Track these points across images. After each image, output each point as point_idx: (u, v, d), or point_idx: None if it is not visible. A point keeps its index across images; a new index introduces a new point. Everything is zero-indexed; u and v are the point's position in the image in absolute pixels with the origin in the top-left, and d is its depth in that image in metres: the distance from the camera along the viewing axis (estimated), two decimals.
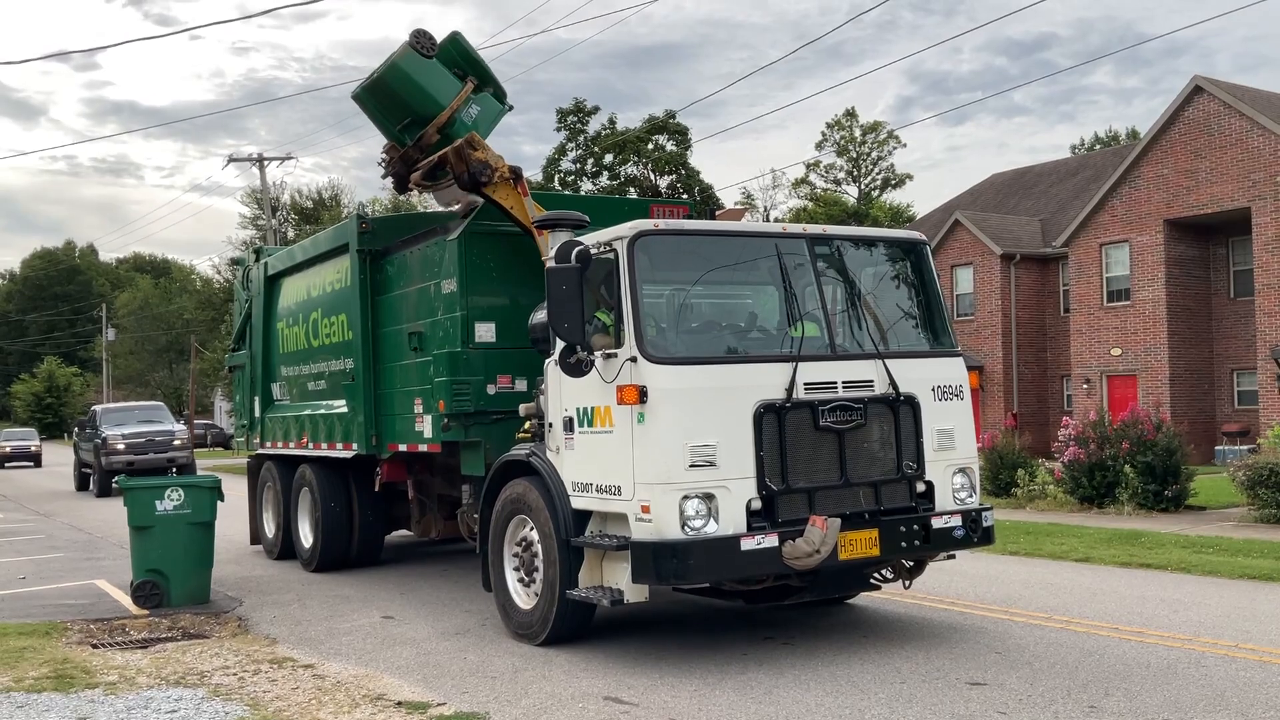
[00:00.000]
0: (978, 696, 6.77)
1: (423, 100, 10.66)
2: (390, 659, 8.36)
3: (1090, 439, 17.10)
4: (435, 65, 10.77)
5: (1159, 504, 16.37)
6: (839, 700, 6.77)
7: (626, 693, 7.11)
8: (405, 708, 6.93)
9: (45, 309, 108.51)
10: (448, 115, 10.65)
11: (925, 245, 9.00)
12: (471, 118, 10.92)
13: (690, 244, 8.27)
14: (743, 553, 7.29)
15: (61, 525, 20.34)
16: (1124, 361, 30.72)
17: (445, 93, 10.74)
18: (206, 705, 7.08)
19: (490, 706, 6.92)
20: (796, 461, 7.61)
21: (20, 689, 7.55)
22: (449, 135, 10.68)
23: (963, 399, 8.54)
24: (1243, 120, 27.70)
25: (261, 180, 48.02)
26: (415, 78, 10.64)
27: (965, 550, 8.64)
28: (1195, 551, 12.50)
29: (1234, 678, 7.06)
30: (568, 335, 7.56)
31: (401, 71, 10.62)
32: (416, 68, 10.62)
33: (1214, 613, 9.17)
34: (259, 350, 14.73)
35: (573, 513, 8.05)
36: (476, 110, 10.99)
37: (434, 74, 10.76)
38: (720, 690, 7.09)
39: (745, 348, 8.15)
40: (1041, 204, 38.73)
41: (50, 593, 11.92)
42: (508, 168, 10.17)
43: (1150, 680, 7.03)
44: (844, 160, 70.11)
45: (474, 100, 10.98)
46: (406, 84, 10.66)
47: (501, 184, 10.11)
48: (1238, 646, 7.91)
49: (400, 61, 10.60)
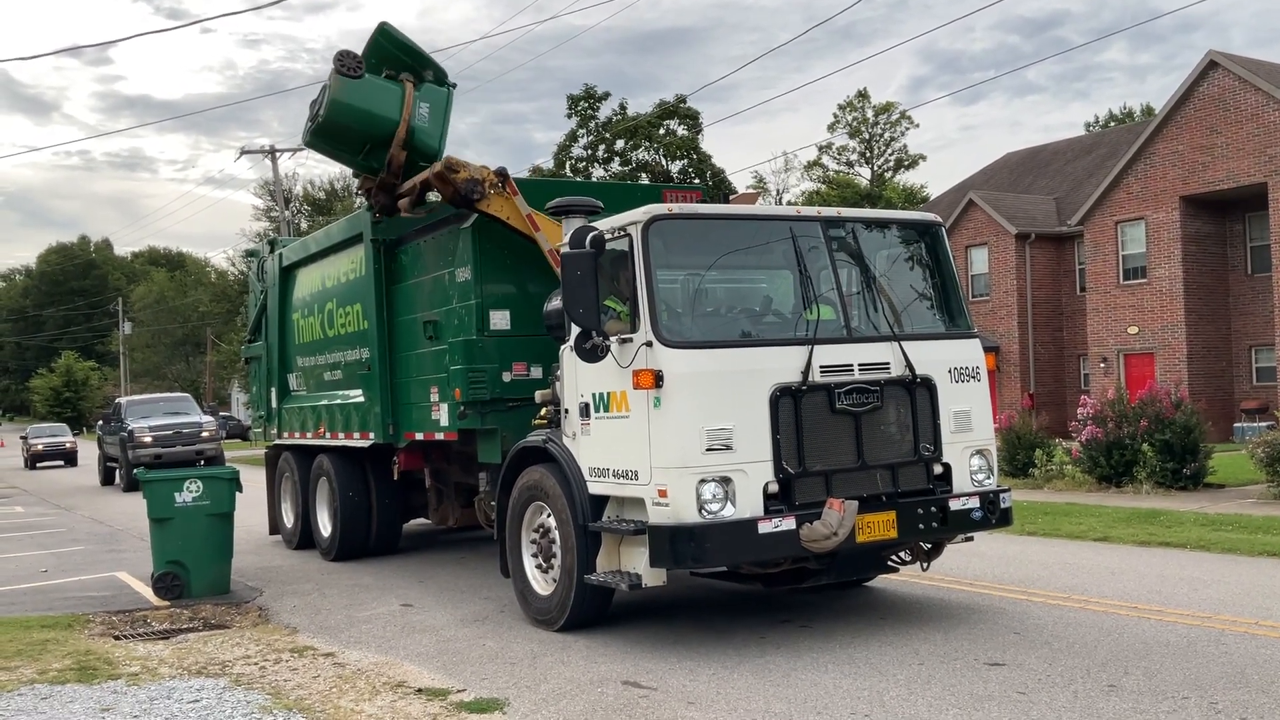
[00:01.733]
0: (996, 677, 6.76)
1: (372, 123, 10.60)
2: (410, 646, 8.40)
3: (1108, 418, 17.02)
4: (370, 82, 10.63)
5: (1177, 482, 16.30)
6: (857, 682, 6.78)
7: (645, 677, 7.14)
8: (425, 694, 6.97)
9: (62, 304, 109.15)
10: (404, 128, 10.60)
11: (940, 227, 8.94)
12: (424, 118, 10.83)
13: (704, 228, 8.24)
14: (760, 536, 7.28)
15: (82, 518, 20.49)
16: (1141, 340, 30.56)
17: (391, 105, 10.65)
18: (228, 695, 7.13)
19: (509, 692, 6.95)
20: (813, 444, 7.58)
21: (44, 681, 7.62)
22: (414, 145, 10.67)
23: (979, 380, 8.50)
24: (1259, 95, 27.46)
25: (274, 172, 48.14)
26: (356, 104, 10.55)
27: (983, 532, 8.60)
28: (1214, 529, 12.45)
29: (1254, 655, 7.03)
30: (583, 321, 7.55)
31: (341, 104, 10.54)
32: (354, 93, 10.52)
33: (1233, 590, 9.13)
34: (275, 341, 14.77)
35: (590, 498, 8.04)
36: (426, 108, 10.88)
37: (372, 91, 10.63)
38: (738, 673, 7.10)
39: (760, 331, 8.11)
40: (1056, 182, 38.51)
41: (72, 585, 12.01)
42: (492, 174, 9.98)
43: (1170, 658, 7.01)
44: (856, 142, 69.93)
45: (420, 97, 10.84)
46: (350, 114, 10.58)
47: (494, 196, 9.96)
48: (1258, 624, 7.88)
49: (337, 95, 10.49)
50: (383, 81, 10.76)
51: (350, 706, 6.79)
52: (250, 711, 6.71)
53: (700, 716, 6.27)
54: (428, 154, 10.82)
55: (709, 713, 6.33)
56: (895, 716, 6.10)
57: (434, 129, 10.91)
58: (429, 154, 10.82)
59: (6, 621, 9.75)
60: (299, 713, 6.67)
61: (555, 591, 8.42)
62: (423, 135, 10.74)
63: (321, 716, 6.59)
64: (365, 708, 6.73)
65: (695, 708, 6.44)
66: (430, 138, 10.90)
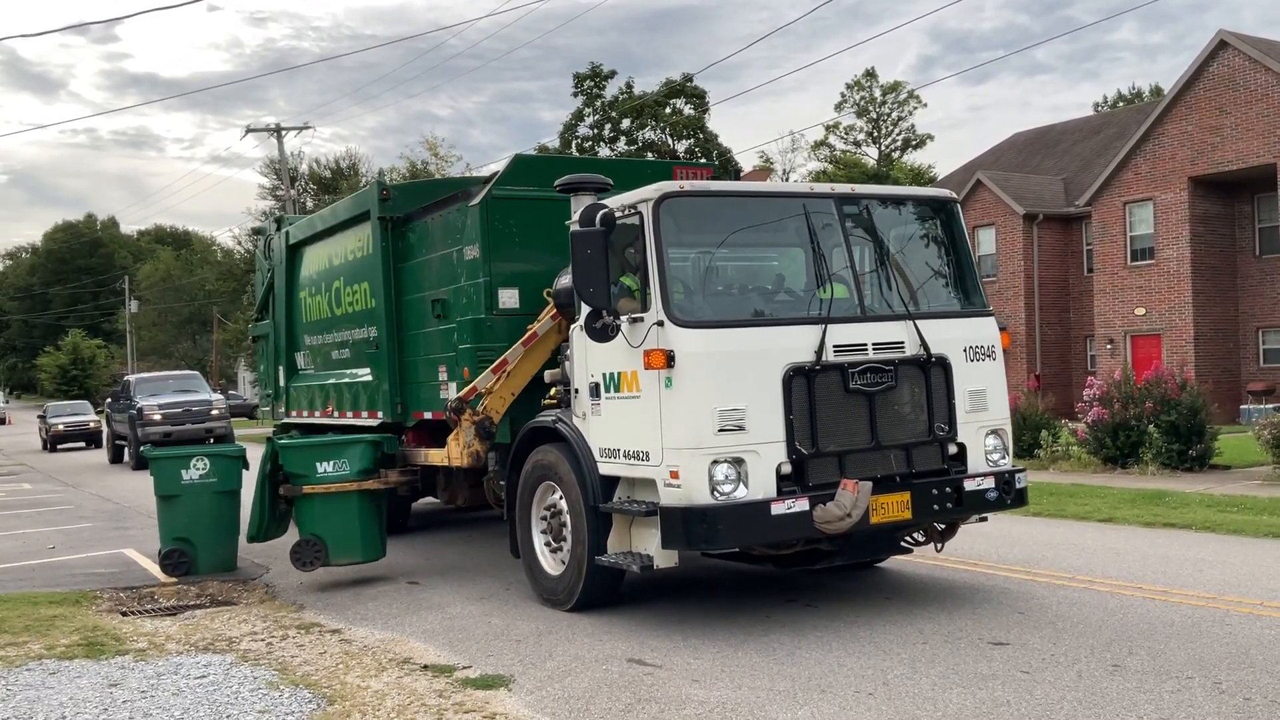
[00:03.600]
0: (1000, 656, 6.78)
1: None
2: (416, 624, 8.44)
3: (1114, 399, 16.99)
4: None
5: (1183, 464, 16.28)
6: (861, 660, 6.79)
7: (650, 655, 7.16)
8: (431, 671, 7.00)
9: (68, 282, 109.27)
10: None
11: (955, 203, 8.85)
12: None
13: (716, 205, 8.11)
14: (773, 517, 7.22)
15: (89, 496, 20.57)
16: (1148, 321, 30.48)
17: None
18: (235, 670, 7.17)
19: (515, 669, 6.98)
20: (826, 425, 7.51)
21: (52, 656, 7.66)
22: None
23: (995, 359, 8.44)
24: (1269, 75, 27.29)
25: (279, 150, 48.13)
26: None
27: (997, 512, 8.57)
28: (1220, 511, 12.45)
29: (1259, 635, 7.04)
30: (593, 300, 7.50)
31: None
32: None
33: (1238, 571, 9.13)
34: (282, 320, 14.74)
35: (600, 479, 8.00)
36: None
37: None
38: (743, 651, 7.12)
39: (773, 310, 8.03)
40: (1064, 163, 38.33)
41: (80, 562, 12.07)
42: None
43: (1174, 638, 7.01)
44: (864, 121, 69.55)
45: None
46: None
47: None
48: (1262, 604, 7.89)
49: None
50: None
51: (356, 683, 6.82)
52: (257, 687, 6.75)
53: (704, 694, 6.29)
54: None
55: (713, 690, 6.36)
56: (899, 695, 6.12)
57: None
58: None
59: (15, 598, 9.81)
60: (305, 688, 6.71)
61: (565, 572, 8.40)
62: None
63: (328, 692, 6.62)
64: (371, 684, 6.77)
65: (699, 685, 6.46)
66: None
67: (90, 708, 6.44)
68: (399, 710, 6.21)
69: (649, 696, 6.31)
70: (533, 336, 9.40)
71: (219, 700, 6.51)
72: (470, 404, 9.64)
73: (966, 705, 5.90)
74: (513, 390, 9.67)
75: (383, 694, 6.54)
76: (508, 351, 9.54)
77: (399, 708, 6.26)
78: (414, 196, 11.79)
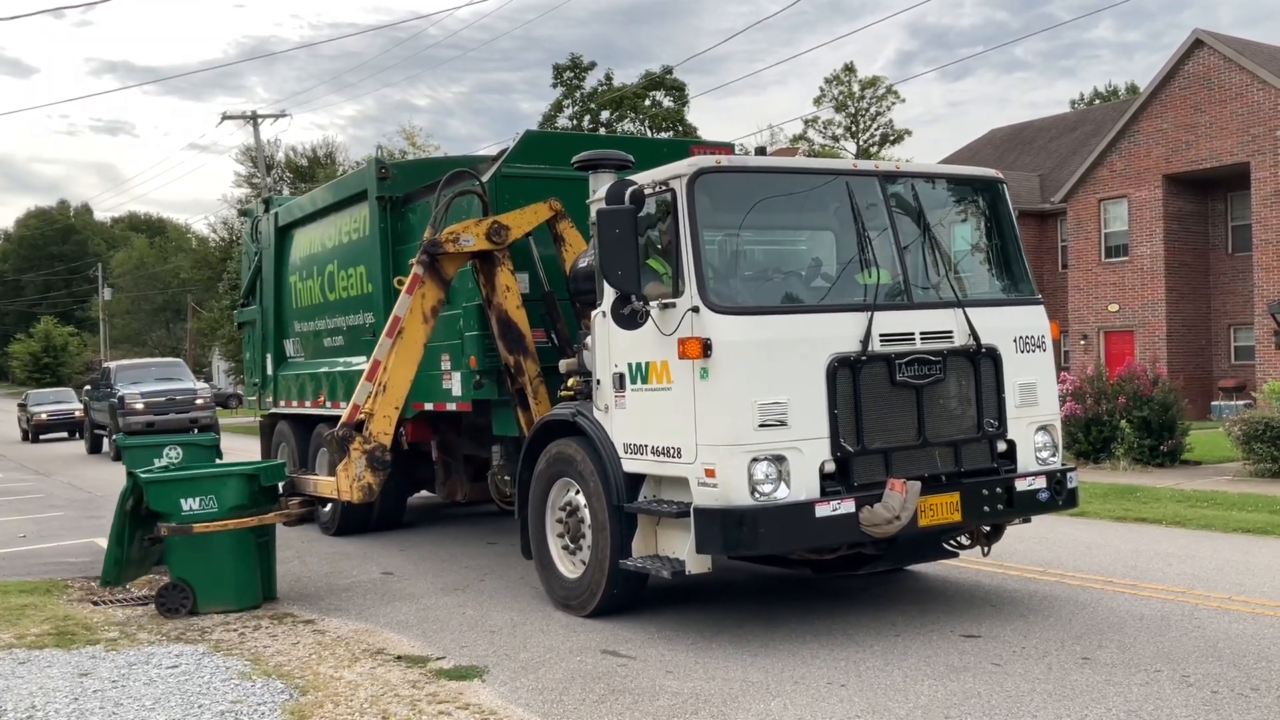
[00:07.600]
0: (972, 648, 6.82)
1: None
2: (390, 614, 8.42)
3: (1087, 394, 17.11)
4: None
5: (1155, 459, 16.42)
6: (834, 652, 6.83)
7: (624, 646, 7.17)
8: (405, 661, 6.99)
9: (41, 268, 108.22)
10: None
11: (1002, 184, 8.26)
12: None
13: (754, 182, 7.47)
14: (817, 520, 6.70)
15: (61, 484, 20.41)
16: (1121, 317, 30.71)
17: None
18: (207, 660, 7.14)
19: (489, 660, 6.98)
20: (872, 420, 6.99)
21: (22, 646, 7.60)
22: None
23: (1045, 350, 7.94)
24: (1243, 74, 27.50)
25: (255, 138, 47.75)
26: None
27: (1048, 514, 8.01)
28: (1190, 506, 12.56)
29: (1227, 629, 7.12)
30: (621, 284, 6.95)
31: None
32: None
33: (1208, 566, 9.22)
34: (270, 305, 14.14)
35: (624, 476, 7.48)
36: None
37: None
38: (716, 643, 7.15)
39: (815, 296, 7.43)
40: (1040, 159, 38.52)
41: (50, 551, 11.97)
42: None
43: (1144, 632, 7.08)
44: (842, 116, 69.63)
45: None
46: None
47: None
48: (1231, 599, 7.97)
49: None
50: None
51: (329, 673, 6.80)
52: (229, 678, 6.72)
53: (678, 685, 6.31)
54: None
55: (687, 681, 6.37)
56: (871, 686, 6.15)
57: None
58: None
59: None
60: (278, 679, 6.68)
61: (584, 575, 7.89)
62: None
63: (300, 683, 6.60)
64: (344, 674, 6.75)
65: (673, 676, 6.48)
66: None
67: (61, 697, 6.40)
68: (372, 701, 6.20)
69: (623, 687, 6.32)
70: (396, 322, 8.73)
71: (191, 690, 6.48)
72: (358, 428, 8.98)
73: (938, 696, 5.94)
74: (395, 404, 8.99)
75: (356, 685, 6.53)
76: (375, 347, 8.87)
77: (372, 698, 6.24)
78: (415, 175, 11.26)
